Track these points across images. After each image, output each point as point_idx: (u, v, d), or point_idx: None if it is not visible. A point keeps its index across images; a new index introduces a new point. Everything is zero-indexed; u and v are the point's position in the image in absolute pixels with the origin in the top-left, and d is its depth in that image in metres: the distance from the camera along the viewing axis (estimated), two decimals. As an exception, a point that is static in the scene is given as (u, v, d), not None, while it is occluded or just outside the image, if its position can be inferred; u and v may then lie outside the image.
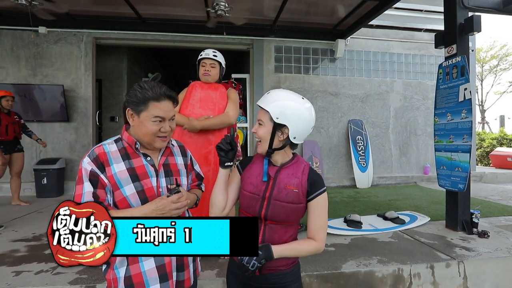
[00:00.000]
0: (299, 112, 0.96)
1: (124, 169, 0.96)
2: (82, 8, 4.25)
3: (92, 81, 4.71)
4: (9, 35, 4.50)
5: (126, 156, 0.98)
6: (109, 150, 0.97)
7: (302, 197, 0.96)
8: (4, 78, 4.47)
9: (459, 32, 2.72)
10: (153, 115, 0.95)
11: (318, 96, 5.34)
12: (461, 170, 2.63)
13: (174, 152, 1.10)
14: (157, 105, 0.95)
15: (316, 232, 0.97)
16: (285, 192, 0.96)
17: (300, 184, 0.96)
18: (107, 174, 0.94)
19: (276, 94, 0.98)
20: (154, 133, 0.96)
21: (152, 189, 0.98)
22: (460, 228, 2.71)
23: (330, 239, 2.49)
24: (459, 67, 2.66)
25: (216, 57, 2.06)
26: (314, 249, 0.97)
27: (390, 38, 5.60)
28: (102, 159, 0.94)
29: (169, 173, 1.04)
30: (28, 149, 4.53)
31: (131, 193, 0.95)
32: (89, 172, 0.92)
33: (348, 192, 4.72)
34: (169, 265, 0.98)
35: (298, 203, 0.96)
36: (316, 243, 0.97)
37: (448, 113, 2.78)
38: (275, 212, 0.95)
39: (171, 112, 0.99)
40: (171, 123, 1.00)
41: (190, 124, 1.86)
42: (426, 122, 5.69)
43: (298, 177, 0.97)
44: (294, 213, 0.97)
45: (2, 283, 1.74)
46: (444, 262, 2.07)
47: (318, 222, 0.97)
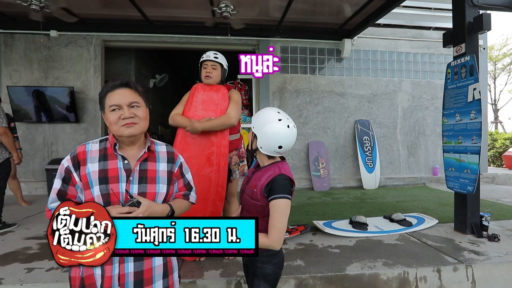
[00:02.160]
0: (266, 128, 1.13)
1: (97, 170, 0.96)
2: (92, 11, 4.34)
3: (101, 83, 4.81)
4: (22, 39, 4.64)
5: (103, 157, 0.99)
6: (90, 149, 1.00)
7: (260, 196, 1.13)
8: (17, 80, 4.61)
9: (468, 30, 2.66)
10: (109, 105, 0.97)
11: (324, 97, 5.31)
12: (470, 172, 2.58)
13: (158, 158, 1.05)
14: (111, 95, 0.97)
15: (268, 230, 1.09)
16: (250, 189, 1.18)
17: (260, 186, 1.14)
18: (81, 173, 0.96)
19: (263, 109, 1.20)
20: (116, 121, 0.96)
21: (117, 194, 0.95)
22: (469, 231, 2.65)
23: (335, 241, 2.48)
24: (468, 66, 2.60)
25: (217, 59, 2.07)
26: (265, 244, 1.07)
27: (398, 37, 5.52)
28: (80, 158, 0.98)
29: (143, 179, 0.99)
30: (39, 149, 4.69)
31: (97, 195, 0.94)
32: (64, 169, 0.98)
33: (355, 193, 4.68)
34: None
35: (255, 200, 1.15)
36: (267, 240, 1.07)
37: (457, 114, 2.73)
38: (243, 203, 1.23)
39: (128, 98, 0.97)
40: (134, 110, 0.98)
41: (191, 126, 1.88)
42: (435, 122, 5.58)
43: (261, 181, 1.14)
44: (253, 207, 1.16)
45: (15, 279, 1.81)
46: (452, 265, 2.03)
47: (270, 222, 1.09)
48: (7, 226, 2.81)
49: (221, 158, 1.98)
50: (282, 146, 1.13)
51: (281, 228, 1.08)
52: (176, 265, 1.09)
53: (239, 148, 2.20)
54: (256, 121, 1.18)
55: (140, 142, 1.04)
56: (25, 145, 4.55)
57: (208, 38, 4.99)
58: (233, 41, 5.05)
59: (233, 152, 2.16)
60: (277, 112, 1.16)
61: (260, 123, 1.15)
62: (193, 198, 1.17)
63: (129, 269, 0.92)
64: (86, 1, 4.00)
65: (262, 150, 1.16)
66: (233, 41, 5.03)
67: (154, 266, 0.97)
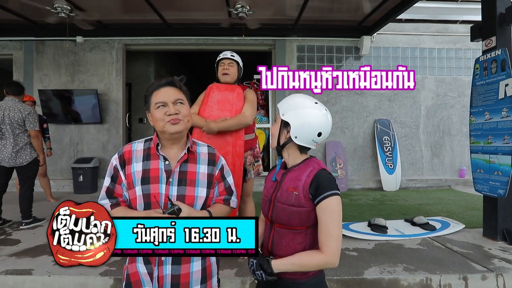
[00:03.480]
0: (302, 113, 0.95)
1: (141, 169, 0.98)
2: (114, 17, 4.54)
3: (122, 85, 5.02)
4: (51, 46, 4.94)
5: (147, 157, 1.00)
6: (135, 148, 1.02)
7: (304, 200, 0.91)
8: (47, 84, 4.92)
9: (499, 22, 2.49)
10: (154, 103, 0.98)
11: (342, 96, 5.18)
12: (501, 174, 2.41)
13: (199, 160, 1.03)
14: (156, 93, 0.99)
15: (322, 242, 0.87)
16: (286, 194, 0.94)
17: (302, 187, 0.92)
18: (126, 172, 0.99)
19: (292, 95, 1.01)
20: (161, 118, 0.96)
21: (157, 196, 0.95)
22: (500, 237, 2.47)
23: (353, 243, 2.41)
24: (499, 61, 2.43)
25: (234, 57, 2.13)
26: (319, 262, 0.87)
27: (420, 32, 5.27)
28: (126, 157, 1.00)
29: (183, 181, 0.97)
30: (66, 149, 4.96)
31: (138, 195, 0.96)
32: (113, 167, 1.00)
33: (374, 195, 4.52)
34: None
35: (299, 206, 0.91)
36: (321, 256, 0.86)
37: (486, 112, 2.56)
38: (277, 213, 0.95)
39: (173, 95, 0.99)
40: (179, 107, 0.98)
41: (207, 127, 1.91)
42: (462, 121, 5.27)
43: (301, 180, 0.93)
44: (295, 217, 0.91)
45: (44, 270, 1.93)
46: (480, 274, 1.91)
47: (323, 230, 0.87)
48: (37, 221, 2.99)
49: (237, 158, 1.99)
50: (321, 133, 0.95)
51: (339, 235, 0.88)
52: (216, 269, 1.05)
53: (254, 148, 2.20)
54: (286, 107, 0.98)
55: (182, 142, 1.03)
56: (54, 145, 4.82)
57: (225, 39, 5.04)
58: (249, 42, 5.06)
59: (248, 152, 2.16)
60: (311, 97, 1.00)
61: (294, 108, 0.96)
62: (234, 203, 1.09)
63: (167, 271, 0.92)
64: (109, 7, 4.19)
65: (297, 140, 0.96)
66: (249, 41, 5.05)
67: (192, 271, 0.94)
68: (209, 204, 1.03)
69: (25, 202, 2.90)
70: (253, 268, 0.91)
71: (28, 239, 2.54)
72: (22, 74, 4.89)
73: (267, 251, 1.00)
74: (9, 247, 2.34)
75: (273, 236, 0.98)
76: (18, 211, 2.91)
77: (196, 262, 0.95)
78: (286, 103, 1.00)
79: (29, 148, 2.93)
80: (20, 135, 2.87)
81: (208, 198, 1.01)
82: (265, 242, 1.02)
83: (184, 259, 0.93)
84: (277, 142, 1.01)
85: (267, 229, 1.02)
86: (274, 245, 0.97)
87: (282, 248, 0.94)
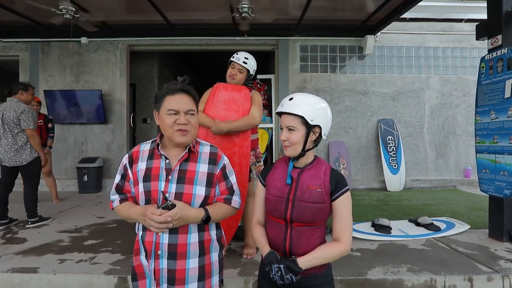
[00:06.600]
0: (324, 111, 1.00)
1: (144, 168, 1.03)
2: (118, 18, 4.57)
3: (126, 86, 5.05)
4: (57, 47, 5.00)
5: (150, 156, 1.05)
6: (142, 149, 1.08)
7: (326, 196, 0.96)
8: (53, 85, 4.97)
9: (506, 20, 2.45)
10: (167, 108, 1.00)
11: (345, 95, 5.16)
12: (508, 174, 2.37)
13: (199, 159, 1.04)
14: (170, 99, 1.00)
15: (341, 233, 0.96)
16: (308, 192, 0.96)
17: (323, 184, 0.97)
18: (133, 170, 1.05)
19: (300, 98, 0.99)
20: (171, 125, 0.98)
21: (155, 192, 0.98)
22: (506, 238, 2.44)
23: (356, 244, 2.40)
24: (505, 59, 2.40)
25: (246, 64, 2.09)
26: (339, 252, 0.95)
27: (425, 31, 5.22)
28: (134, 156, 1.07)
29: (181, 179, 1.00)
30: (71, 149, 5.01)
31: (141, 191, 1.01)
32: (123, 165, 1.08)
33: (378, 195, 4.50)
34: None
35: (322, 203, 0.96)
36: (341, 245, 0.95)
37: (492, 111, 2.52)
38: (300, 213, 0.95)
39: (186, 105, 1.00)
40: (189, 117, 1.00)
41: (217, 127, 1.90)
42: (467, 120, 5.21)
43: (320, 178, 0.98)
44: (319, 213, 0.96)
45: (49, 268, 1.95)
46: (486, 275, 1.88)
47: (343, 222, 0.96)
48: (43, 220, 3.03)
49: (243, 158, 2.00)
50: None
51: (351, 225, 0.99)
52: (218, 269, 1.05)
53: (256, 148, 2.21)
54: (310, 112, 0.95)
55: None
56: (59, 145, 4.88)
57: (228, 40, 5.05)
58: (252, 41, 5.06)
59: (251, 152, 2.16)
60: (308, 93, 1.03)
61: (318, 110, 0.97)
62: (236, 203, 1.08)
63: (163, 265, 0.97)
64: (113, 8, 4.22)
65: (325, 136, 1.02)
66: (252, 41, 5.05)
67: (188, 267, 0.97)
68: (210, 203, 1.05)
69: (29, 202, 2.93)
70: (280, 273, 0.89)
71: (34, 237, 2.57)
72: (28, 75, 4.96)
73: (284, 252, 0.98)
74: (16, 246, 2.37)
75: (291, 236, 0.97)
76: (24, 210, 2.94)
77: (192, 259, 0.98)
78: (307, 109, 0.96)
79: (29, 148, 2.93)
80: (19, 134, 2.88)
81: (208, 197, 1.03)
82: (279, 244, 0.99)
83: (180, 255, 0.97)
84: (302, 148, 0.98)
85: (280, 230, 0.99)
86: (293, 245, 0.97)
87: (303, 246, 0.96)
